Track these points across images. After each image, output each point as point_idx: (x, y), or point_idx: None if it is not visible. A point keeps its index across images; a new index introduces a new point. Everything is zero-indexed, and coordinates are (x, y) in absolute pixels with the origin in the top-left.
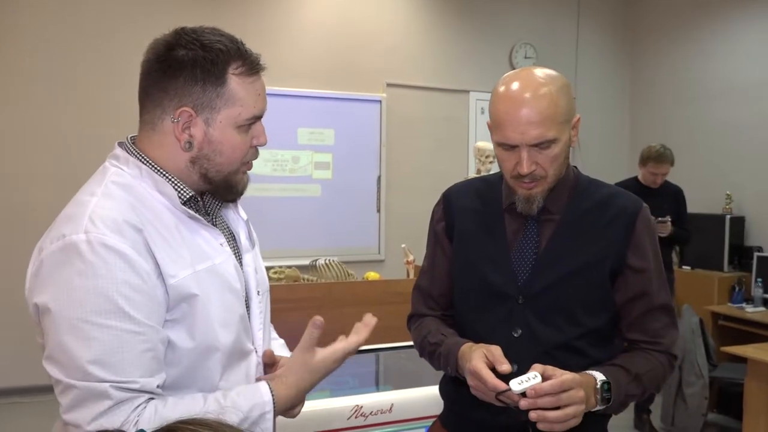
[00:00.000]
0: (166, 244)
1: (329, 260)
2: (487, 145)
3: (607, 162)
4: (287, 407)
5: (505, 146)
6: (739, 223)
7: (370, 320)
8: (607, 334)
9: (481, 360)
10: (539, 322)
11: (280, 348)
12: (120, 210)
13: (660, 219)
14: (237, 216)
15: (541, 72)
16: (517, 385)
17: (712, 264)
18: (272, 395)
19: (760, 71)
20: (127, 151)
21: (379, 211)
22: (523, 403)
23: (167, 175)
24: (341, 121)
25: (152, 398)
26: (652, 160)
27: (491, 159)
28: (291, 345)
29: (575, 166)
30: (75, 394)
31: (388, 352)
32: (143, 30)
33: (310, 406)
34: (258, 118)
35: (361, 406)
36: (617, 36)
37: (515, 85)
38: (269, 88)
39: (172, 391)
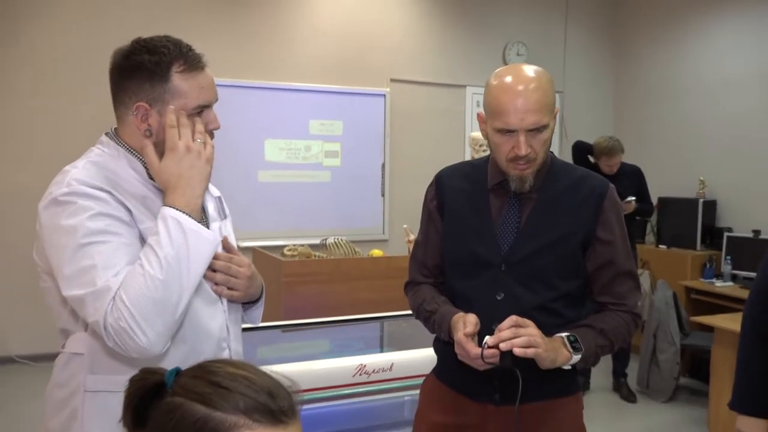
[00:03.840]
0: (136, 202)
1: (338, 239)
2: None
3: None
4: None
5: (503, 132)
6: (711, 206)
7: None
8: (578, 297)
9: (463, 335)
10: (519, 286)
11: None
12: (93, 177)
13: (625, 200)
14: (206, 192)
15: (530, 68)
16: (486, 339)
17: (686, 243)
18: (172, 209)
19: (731, 70)
20: (110, 138)
21: (383, 195)
22: (491, 341)
23: (139, 156)
24: (349, 114)
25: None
26: (605, 153)
27: (484, 148)
28: (304, 314)
29: (552, 151)
30: (90, 300)
31: (390, 320)
32: (163, 29)
33: (319, 364)
34: (204, 107)
35: (365, 365)
36: (603, 36)
37: (512, 79)
38: (285, 83)
39: None
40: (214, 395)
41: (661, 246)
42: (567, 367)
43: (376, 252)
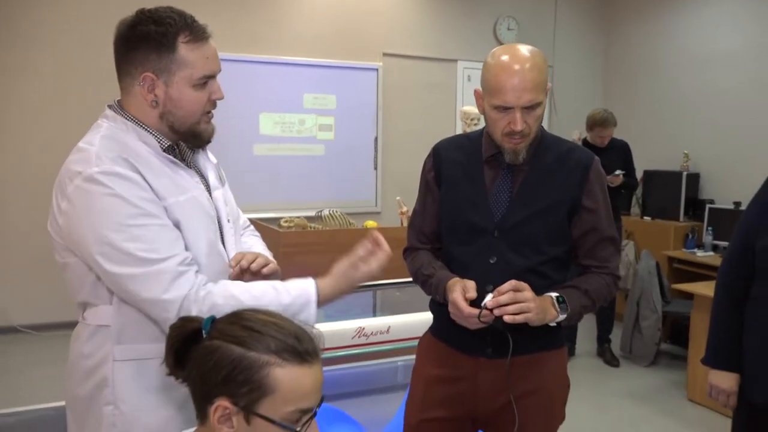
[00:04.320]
0: (155, 177)
1: (333, 211)
2: (473, 109)
3: (581, 126)
4: (323, 303)
5: (501, 108)
6: (694, 179)
7: (380, 238)
8: (564, 261)
9: (458, 293)
10: (511, 251)
11: (264, 250)
12: (117, 151)
13: (614, 174)
14: (206, 160)
15: (525, 48)
16: (488, 300)
17: (670, 215)
18: (317, 289)
19: (717, 45)
20: (114, 112)
21: (376, 168)
22: (490, 303)
23: (147, 128)
24: (342, 88)
25: (199, 272)
26: (598, 125)
27: (476, 121)
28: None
29: (542, 125)
30: (140, 280)
31: (384, 288)
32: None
33: (320, 327)
34: (210, 77)
35: (363, 328)
36: (593, 11)
37: (509, 58)
38: (279, 58)
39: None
40: (248, 338)
41: (646, 217)
42: (552, 324)
43: (370, 223)
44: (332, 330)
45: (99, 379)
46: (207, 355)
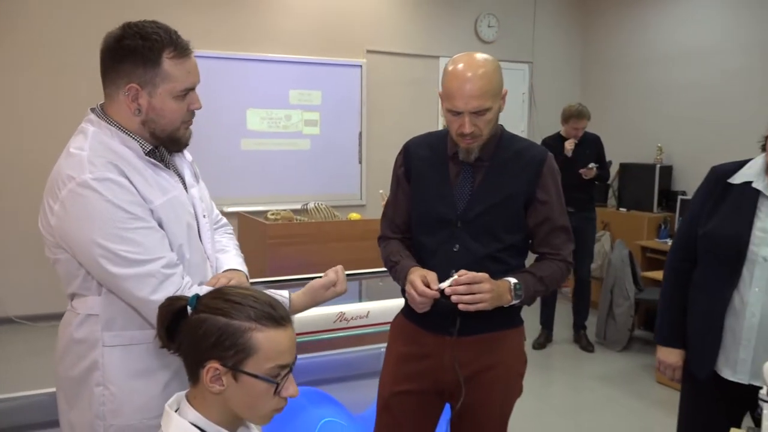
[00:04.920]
0: (141, 179)
1: (318, 204)
2: None
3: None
4: (293, 314)
5: (453, 112)
6: (667, 171)
7: (341, 273)
8: (521, 248)
9: (417, 277)
10: (472, 239)
11: (239, 264)
12: (106, 157)
13: (588, 167)
14: (182, 159)
15: (480, 56)
16: (445, 284)
17: (644, 206)
18: (289, 302)
19: (689, 42)
20: (98, 116)
21: (360, 162)
22: (447, 290)
23: (130, 133)
24: (327, 84)
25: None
26: (573, 117)
27: None
28: (287, 272)
29: (502, 125)
30: (131, 282)
31: (366, 277)
32: (148, 3)
33: (304, 312)
34: (190, 89)
35: (344, 313)
36: (571, 8)
37: (461, 66)
38: (265, 55)
39: None
40: (230, 309)
41: (621, 209)
42: (506, 306)
43: (354, 216)
44: (315, 314)
45: (90, 363)
46: (196, 327)
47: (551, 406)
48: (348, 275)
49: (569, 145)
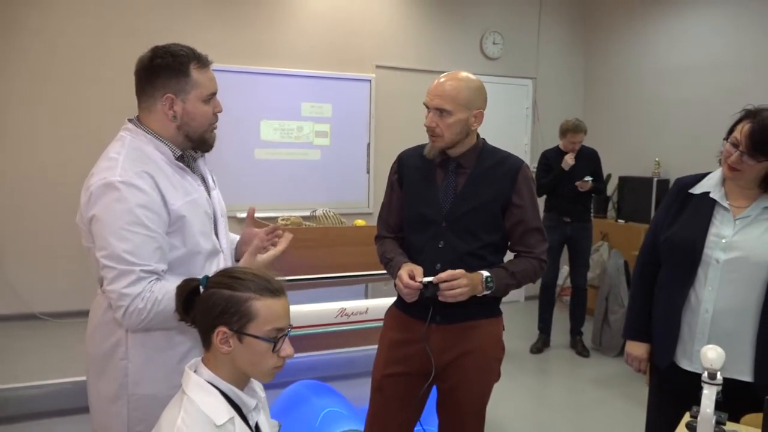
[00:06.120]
0: (168, 183)
1: (326, 211)
2: None
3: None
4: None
5: (427, 107)
6: (665, 184)
7: (287, 237)
8: (499, 246)
9: (404, 271)
10: (455, 237)
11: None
12: (139, 163)
13: (583, 180)
14: (204, 167)
15: (465, 73)
16: (428, 278)
17: (642, 218)
18: None
19: (687, 59)
20: (135, 125)
21: (368, 172)
22: (434, 282)
23: (163, 140)
24: (338, 97)
25: (159, 278)
26: (570, 131)
27: None
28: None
29: (484, 138)
30: (114, 273)
31: (370, 278)
32: (165, 20)
33: (309, 307)
34: (214, 94)
35: (345, 308)
36: (575, 25)
37: (445, 76)
38: (279, 69)
39: (173, 276)
40: (234, 283)
41: (620, 220)
42: (479, 295)
43: (359, 222)
44: (318, 310)
45: (116, 340)
46: (207, 300)
47: (547, 407)
48: (353, 276)
49: (570, 159)
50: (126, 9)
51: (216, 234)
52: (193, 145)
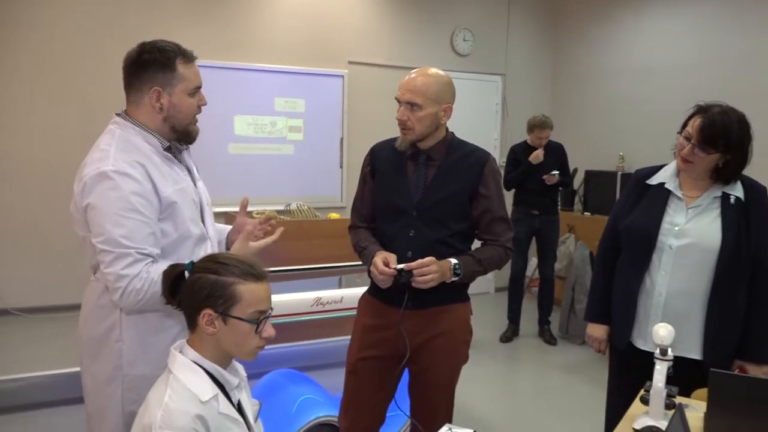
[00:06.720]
0: (158, 172)
1: (300, 205)
2: None
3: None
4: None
5: (398, 102)
6: (628, 178)
7: (281, 229)
8: (467, 235)
9: (379, 259)
10: (425, 226)
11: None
12: (129, 153)
13: (550, 174)
14: (189, 160)
15: (435, 70)
16: (401, 265)
17: (607, 210)
18: None
19: (651, 58)
20: (123, 119)
21: (341, 166)
22: (406, 268)
23: (151, 132)
24: (311, 93)
25: (154, 261)
26: (537, 127)
27: None
28: (271, 264)
29: (453, 132)
30: (112, 256)
31: (344, 270)
32: (141, 15)
33: (286, 297)
34: (199, 87)
35: (320, 298)
36: (543, 23)
37: (416, 72)
38: (253, 65)
39: (165, 261)
40: (219, 268)
41: (586, 213)
42: (448, 282)
43: (333, 215)
44: (295, 299)
45: (110, 323)
46: (193, 284)
47: (516, 392)
48: (327, 267)
49: (539, 154)
50: (104, 6)
51: (203, 222)
52: (177, 137)
